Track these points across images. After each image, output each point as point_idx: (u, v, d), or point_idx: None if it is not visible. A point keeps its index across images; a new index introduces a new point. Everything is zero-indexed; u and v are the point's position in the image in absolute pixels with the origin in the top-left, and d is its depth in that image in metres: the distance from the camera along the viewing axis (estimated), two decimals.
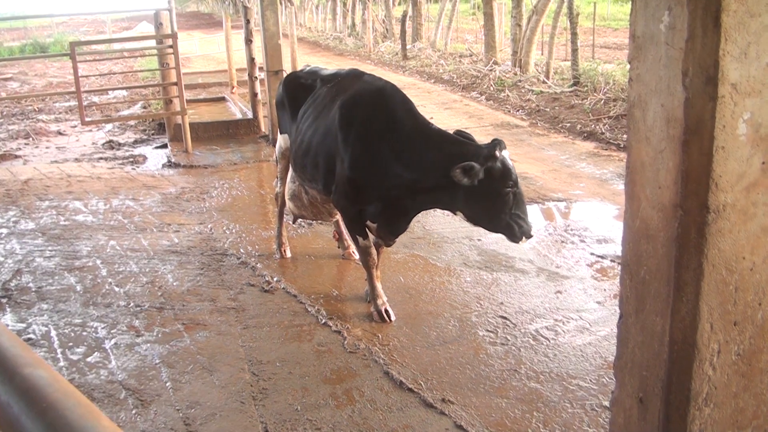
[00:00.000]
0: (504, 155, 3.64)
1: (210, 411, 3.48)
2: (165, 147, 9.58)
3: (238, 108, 11.46)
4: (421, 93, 13.19)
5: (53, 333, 4.34)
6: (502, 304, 4.56)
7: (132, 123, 11.24)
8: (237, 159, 8.75)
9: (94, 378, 3.83)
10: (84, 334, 4.33)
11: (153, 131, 10.63)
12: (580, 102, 10.79)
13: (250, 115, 10.30)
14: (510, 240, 3.77)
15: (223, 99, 12.60)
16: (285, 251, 5.46)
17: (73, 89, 8.99)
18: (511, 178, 3.62)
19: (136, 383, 3.76)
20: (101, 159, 9.18)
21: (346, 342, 4.11)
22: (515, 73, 13.28)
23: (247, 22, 9.74)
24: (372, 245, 4.38)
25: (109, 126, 11.19)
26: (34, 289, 5.01)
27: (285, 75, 5.95)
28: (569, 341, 4.07)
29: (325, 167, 4.30)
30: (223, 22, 14.30)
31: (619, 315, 2.11)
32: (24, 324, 4.47)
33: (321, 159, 4.32)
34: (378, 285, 4.44)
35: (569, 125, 9.89)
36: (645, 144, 1.88)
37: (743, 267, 1.81)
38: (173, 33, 8.77)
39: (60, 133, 11.00)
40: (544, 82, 12.34)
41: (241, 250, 5.62)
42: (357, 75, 4.58)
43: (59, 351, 4.13)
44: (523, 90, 12.25)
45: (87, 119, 9.35)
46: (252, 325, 4.36)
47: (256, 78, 9.89)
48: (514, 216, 3.66)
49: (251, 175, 8.10)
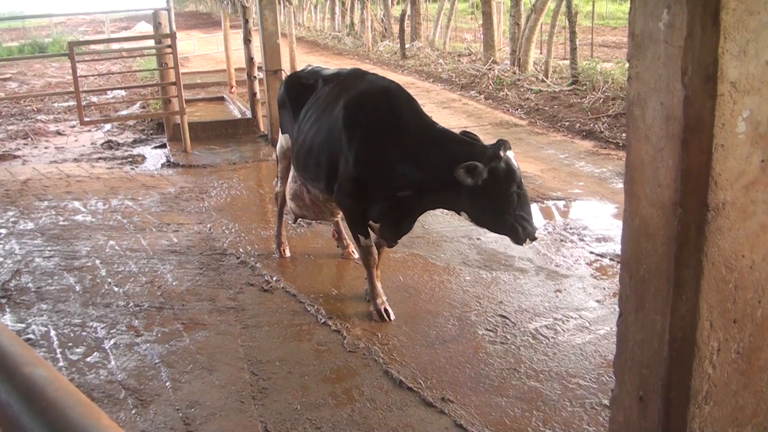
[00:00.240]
0: (509, 155, 3.60)
1: (210, 410, 3.48)
2: (164, 147, 9.57)
3: (236, 108, 11.45)
4: (420, 92, 13.18)
5: (52, 333, 4.34)
6: (501, 302, 4.56)
7: (131, 123, 11.23)
8: (236, 159, 8.75)
9: (93, 378, 3.83)
10: (83, 334, 4.33)
11: (152, 131, 10.62)
12: (579, 101, 10.79)
13: (249, 115, 10.30)
14: (514, 242, 3.72)
15: (222, 99, 12.59)
16: (284, 251, 5.45)
17: (72, 89, 8.98)
18: (516, 178, 3.58)
19: (135, 383, 3.76)
20: (100, 159, 9.17)
21: (345, 341, 4.11)
22: (514, 72, 13.28)
23: (246, 21, 9.73)
24: (373, 245, 4.38)
25: (108, 126, 11.17)
26: (33, 290, 5.00)
27: (286, 75, 5.95)
28: (569, 340, 4.07)
29: (328, 166, 4.27)
30: (222, 21, 14.29)
31: (619, 313, 2.11)
32: (23, 324, 4.47)
33: (324, 158, 4.30)
34: (378, 284, 4.44)
35: (568, 124, 9.89)
36: (644, 142, 1.88)
37: (743, 265, 1.82)
38: (172, 33, 8.75)
39: (59, 133, 10.99)
40: (543, 80, 12.34)
41: (241, 249, 5.62)
42: (359, 74, 4.57)
43: (59, 351, 4.13)
44: (522, 89, 12.25)
45: (86, 119, 9.34)
46: (251, 325, 4.36)
47: (254, 78, 9.88)
48: (518, 217, 3.62)
49: (250, 175, 8.10)
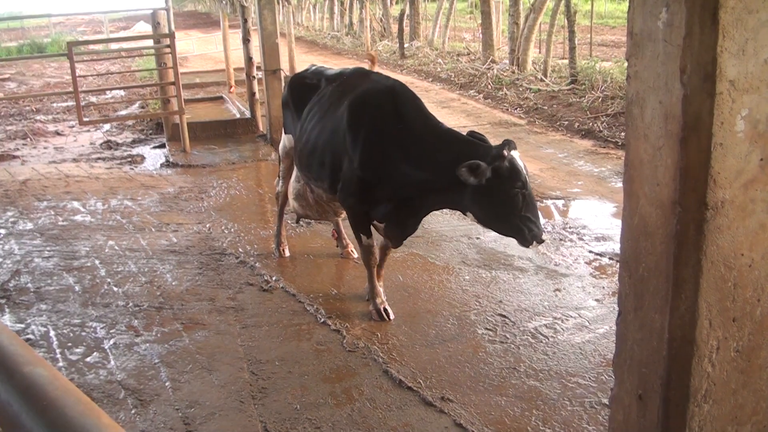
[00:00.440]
0: (513, 155, 3.57)
1: (209, 410, 3.48)
2: (163, 147, 9.57)
3: (236, 107, 11.44)
4: (419, 92, 13.03)
5: (52, 333, 4.34)
6: (501, 302, 4.56)
7: (130, 123, 11.22)
8: (235, 158, 8.74)
9: (93, 378, 3.83)
10: (83, 334, 4.33)
11: (151, 131, 10.61)
12: (578, 100, 10.79)
13: (248, 115, 10.29)
14: (520, 244, 3.67)
15: (221, 98, 12.58)
16: (284, 250, 5.45)
17: (71, 89, 8.97)
18: (520, 178, 3.53)
19: (135, 383, 3.76)
20: (99, 159, 9.17)
21: (345, 341, 4.11)
22: (513, 72, 13.28)
23: (245, 21, 9.73)
24: (375, 244, 4.37)
25: (107, 126, 11.17)
26: (32, 290, 5.00)
27: (285, 75, 5.95)
28: (568, 339, 4.08)
29: (332, 166, 4.26)
30: (221, 21, 14.28)
31: (618, 312, 2.12)
32: (23, 324, 4.47)
33: (327, 158, 4.28)
34: (377, 284, 4.44)
35: (567, 123, 9.89)
36: (643, 141, 1.88)
37: (742, 263, 1.82)
38: (171, 33, 8.75)
39: (58, 134, 10.98)
40: (541, 80, 12.33)
41: (240, 249, 5.61)
42: (363, 74, 4.55)
43: (58, 351, 4.13)
44: (521, 88, 12.25)
45: (85, 119, 9.33)
46: (251, 325, 4.36)
47: (253, 77, 9.87)
48: (524, 219, 3.56)
49: (249, 175, 8.10)
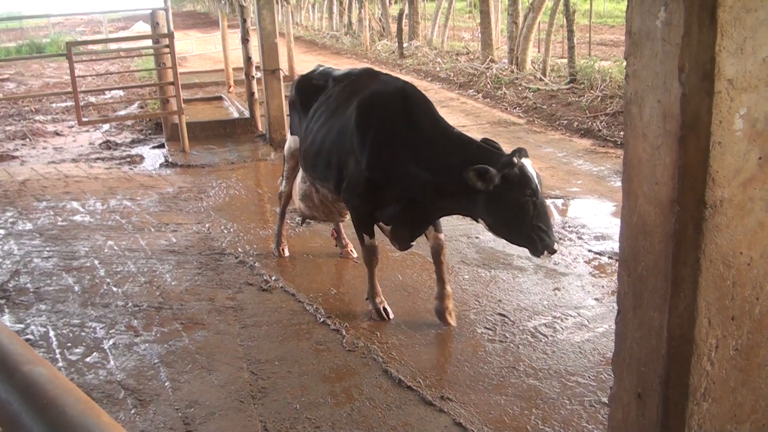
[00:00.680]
0: (524, 163, 3.51)
1: (209, 410, 3.48)
2: (162, 147, 9.56)
3: (235, 107, 11.44)
4: None
5: (52, 333, 4.34)
6: (500, 301, 4.56)
7: (129, 123, 11.22)
8: (234, 158, 8.74)
9: (92, 378, 3.83)
10: (82, 334, 4.33)
11: (150, 131, 10.61)
12: (577, 99, 10.79)
13: (247, 115, 10.29)
14: (531, 254, 3.60)
15: (220, 98, 12.58)
16: (283, 250, 5.44)
17: (70, 89, 8.97)
18: (530, 186, 3.45)
19: (134, 383, 3.76)
20: (98, 159, 9.17)
21: (344, 340, 4.11)
22: (512, 71, 13.28)
23: (244, 21, 9.73)
24: (377, 245, 4.34)
25: (106, 126, 11.16)
26: (32, 290, 5.00)
27: (288, 75, 5.93)
28: (567, 338, 4.08)
29: (338, 166, 4.22)
30: (220, 21, 14.28)
31: (617, 311, 2.12)
32: (22, 325, 4.47)
33: (334, 158, 4.24)
34: (377, 284, 4.44)
35: (566, 122, 9.89)
36: (642, 140, 1.88)
37: (740, 262, 1.82)
38: (170, 33, 8.75)
39: (57, 134, 10.98)
40: (541, 79, 12.33)
41: (239, 249, 5.61)
42: (372, 74, 4.52)
43: (58, 351, 4.12)
44: (520, 87, 12.25)
45: (84, 119, 9.33)
46: (250, 324, 4.36)
47: (252, 77, 9.87)
48: (535, 228, 3.47)
49: (249, 175, 8.10)
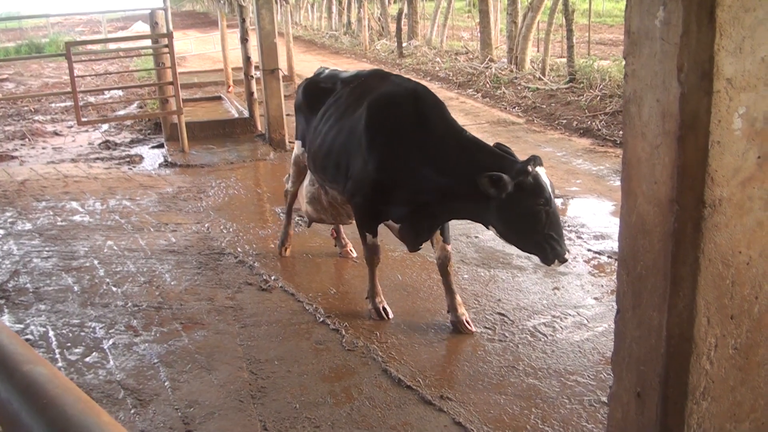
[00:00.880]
0: (538, 171, 3.48)
1: (209, 410, 3.48)
2: (161, 147, 9.56)
3: (234, 107, 11.44)
4: None
5: (51, 333, 4.34)
6: (499, 300, 4.56)
7: (128, 123, 11.21)
8: (233, 158, 8.74)
9: (92, 378, 3.83)
10: (82, 334, 4.33)
11: (149, 131, 10.61)
12: (576, 99, 10.79)
13: (246, 114, 10.29)
14: (542, 262, 3.58)
15: (220, 98, 12.57)
16: (286, 250, 5.42)
17: (69, 89, 8.96)
18: (544, 195, 3.42)
19: (134, 383, 3.76)
20: (98, 159, 9.16)
21: (344, 340, 4.11)
22: (511, 70, 13.28)
23: (243, 20, 9.72)
24: (378, 244, 4.32)
25: (106, 126, 11.15)
26: (31, 290, 5.00)
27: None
28: (567, 337, 4.08)
29: (348, 168, 4.17)
30: (219, 21, 14.27)
31: (616, 310, 2.12)
32: (22, 325, 4.47)
33: (344, 160, 4.20)
34: (378, 283, 4.43)
35: (565, 122, 9.90)
36: (641, 139, 1.88)
37: (739, 261, 1.82)
38: (169, 32, 8.74)
39: (56, 134, 10.97)
40: (540, 79, 12.34)
41: (239, 249, 5.61)
42: (382, 75, 4.48)
43: (57, 351, 4.12)
44: (519, 87, 12.25)
45: (83, 119, 9.33)
46: (250, 324, 4.36)
47: (252, 77, 9.87)
48: (547, 237, 3.45)
49: (248, 174, 8.10)
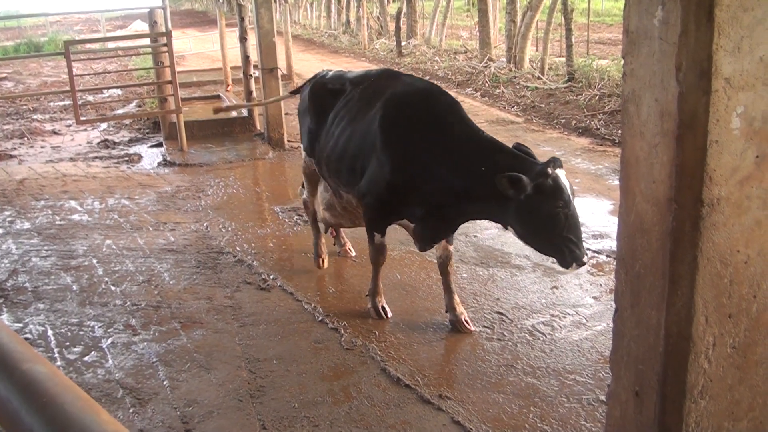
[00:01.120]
0: (558, 173, 3.44)
1: (207, 409, 3.49)
2: (160, 145, 9.55)
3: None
4: None
5: (50, 332, 4.34)
6: (498, 299, 4.57)
7: (127, 122, 11.20)
8: (232, 157, 8.74)
9: (91, 377, 3.83)
10: (81, 333, 4.33)
11: (148, 130, 10.60)
12: (575, 98, 10.79)
13: (245, 113, 10.29)
14: (560, 265, 3.55)
15: (218, 97, 12.54)
16: (323, 261, 5.17)
17: (68, 88, 8.95)
18: (563, 197, 3.39)
19: (133, 382, 3.76)
20: (96, 158, 9.15)
21: (343, 339, 4.12)
22: (510, 70, 13.28)
23: (242, 19, 9.71)
24: (385, 244, 4.29)
25: (104, 125, 11.14)
26: (30, 289, 5.00)
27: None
28: (566, 336, 4.09)
29: (363, 172, 4.11)
30: (218, 20, 14.25)
31: (615, 309, 2.12)
32: (21, 324, 4.47)
33: (358, 163, 4.12)
34: (380, 283, 4.43)
35: (564, 121, 9.90)
36: (639, 139, 1.89)
37: (738, 260, 1.83)
38: (167, 31, 8.74)
39: (55, 133, 10.96)
40: (539, 78, 12.34)
41: (238, 248, 5.61)
42: (393, 75, 4.42)
43: (56, 350, 4.12)
44: (518, 86, 12.25)
45: (82, 118, 9.32)
46: (249, 323, 4.36)
47: (251, 76, 9.86)
48: (565, 240, 3.41)
49: (247, 173, 8.10)
